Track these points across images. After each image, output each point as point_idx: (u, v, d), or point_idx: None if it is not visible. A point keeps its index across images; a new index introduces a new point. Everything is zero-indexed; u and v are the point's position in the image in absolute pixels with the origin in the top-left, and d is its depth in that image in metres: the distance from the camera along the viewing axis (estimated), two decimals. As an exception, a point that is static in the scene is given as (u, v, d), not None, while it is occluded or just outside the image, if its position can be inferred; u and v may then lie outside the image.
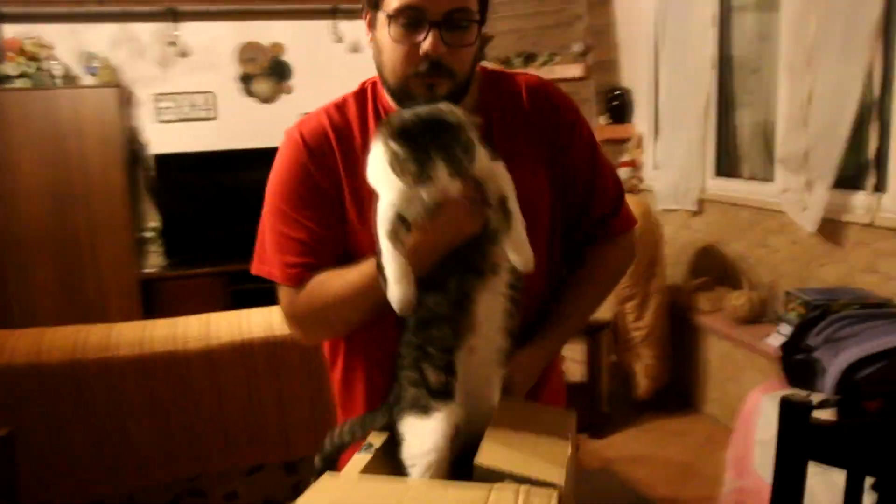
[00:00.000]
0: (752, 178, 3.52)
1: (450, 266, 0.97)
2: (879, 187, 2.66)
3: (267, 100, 4.61)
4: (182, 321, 1.91)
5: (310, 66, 4.62)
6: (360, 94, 1.15)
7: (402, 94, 1.04)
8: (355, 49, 4.62)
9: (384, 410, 1.03)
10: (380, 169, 0.94)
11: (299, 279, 1.09)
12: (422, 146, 0.87)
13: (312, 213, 1.09)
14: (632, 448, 3.04)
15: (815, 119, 2.84)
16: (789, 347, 2.41)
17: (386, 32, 1.02)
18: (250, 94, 4.58)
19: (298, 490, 2.09)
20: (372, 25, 1.07)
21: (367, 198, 1.03)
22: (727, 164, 3.67)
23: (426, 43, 0.98)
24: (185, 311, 2.08)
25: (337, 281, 1.07)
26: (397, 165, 0.89)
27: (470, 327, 0.97)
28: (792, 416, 1.18)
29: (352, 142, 1.10)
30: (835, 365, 2.20)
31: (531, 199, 1.06)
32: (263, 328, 1.89)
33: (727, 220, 3.53)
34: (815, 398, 2.30)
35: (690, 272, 3.74)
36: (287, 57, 4.60)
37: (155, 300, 4.17)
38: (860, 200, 2.74)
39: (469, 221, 0.96)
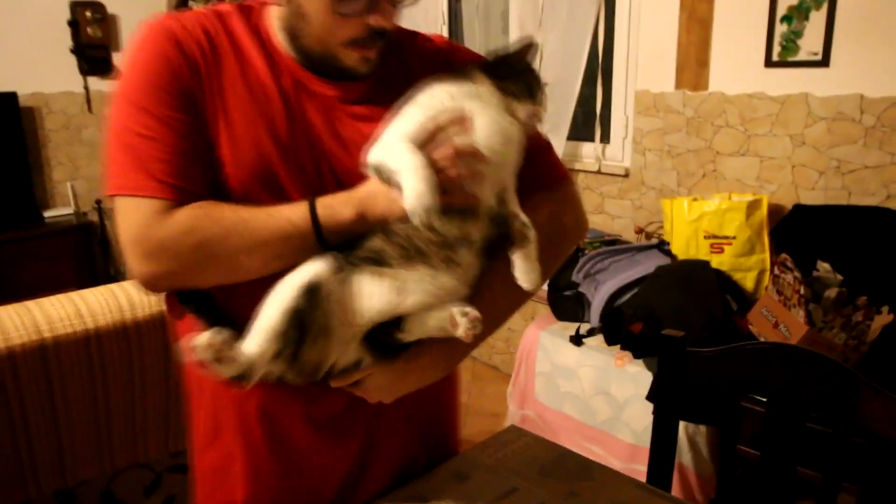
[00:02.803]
0: (486, 130, 3.77)
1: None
2: (604, 138, 3.05)
3: None
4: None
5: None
6: (246, 11, 0.95)
7: (328, 61, 0.92)
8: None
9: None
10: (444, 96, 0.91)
11: (179, 194, 0.84)
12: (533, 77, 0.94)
13: (183, 116, 0.86)
14: (405, 397, 3.10)
15: (547, 76, 3.12)
16: (555, 286, 2.68)
17: (318, 3, 0.87)
18: None
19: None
20: None
21: (237, 122, 0.87)
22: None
23: (378, 16, 0.88)
24: None
25: (253, 215, 0.85)
26: (514, 86, 0.91)
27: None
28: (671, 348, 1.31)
29: (231, 57, 0.90)
30: (598, 296, 2.50)
31: None
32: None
33: (465, 171, 3.73)
34: (584, 328, 2.61)
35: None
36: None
37: None
38: (589, 150, 3.12)
39: None
